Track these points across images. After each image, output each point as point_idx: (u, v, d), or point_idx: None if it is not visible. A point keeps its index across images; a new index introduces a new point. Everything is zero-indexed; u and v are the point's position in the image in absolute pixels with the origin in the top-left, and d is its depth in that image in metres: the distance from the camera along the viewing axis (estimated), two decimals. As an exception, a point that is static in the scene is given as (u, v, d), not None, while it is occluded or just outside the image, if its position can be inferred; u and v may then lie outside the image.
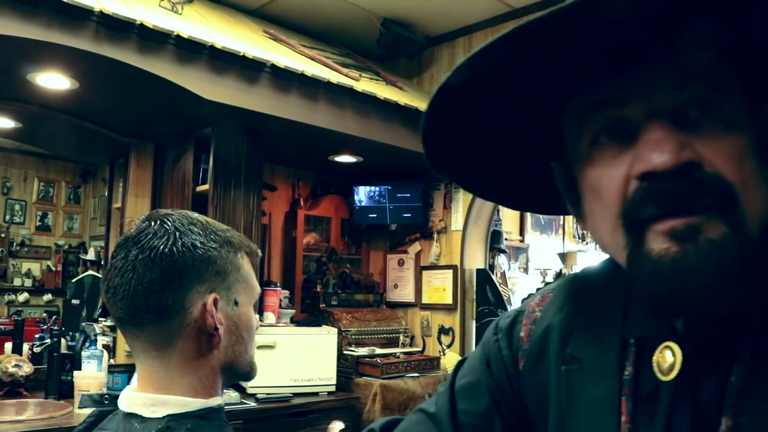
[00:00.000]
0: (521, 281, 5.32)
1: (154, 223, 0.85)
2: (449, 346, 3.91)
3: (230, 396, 2.88)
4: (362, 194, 4.20)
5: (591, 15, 0.45)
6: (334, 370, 3.32)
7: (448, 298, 3.98)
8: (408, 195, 4.13)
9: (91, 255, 5.25)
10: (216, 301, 0.84)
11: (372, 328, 3.90)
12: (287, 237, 4.14)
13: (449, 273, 3.98)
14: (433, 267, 4.09)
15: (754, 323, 0.52)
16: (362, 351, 3.65)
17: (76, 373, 2.74)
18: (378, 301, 4.25)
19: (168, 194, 3.39)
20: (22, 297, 5.53)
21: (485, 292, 3.86)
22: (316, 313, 3.96)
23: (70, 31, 2.29)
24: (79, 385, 2.66)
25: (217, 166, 3.05)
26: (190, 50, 2.62)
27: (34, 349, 3.03)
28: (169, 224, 0.84)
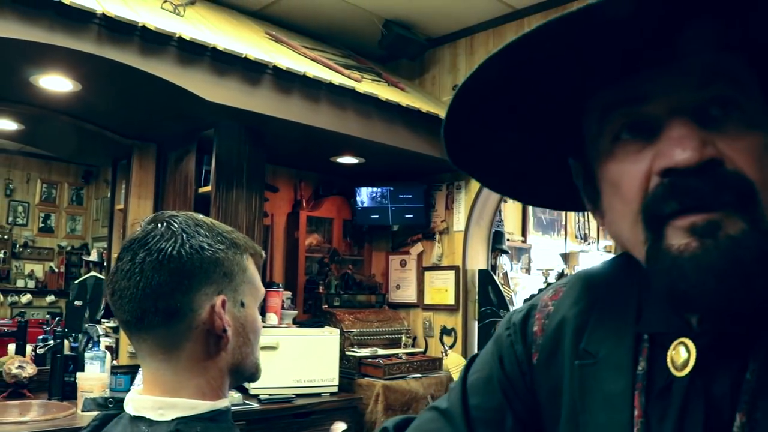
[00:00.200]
0: (523, 282, 5.32)
1: (160, 225, 0.84)
2: (451, 346, 3.91)
3: (233, 397, 2.88)
4: (364, 195, 4.21)
5: (610, 16, 0.45)
6: (336, 370, 3.32)
7: (450, 299, 3.98)
8: (410, 196, 4.13)
9: (93, 256, 5.25)
10: (224, 302, 0.84)
11: (374, 329, 3.90)
12: (289, 238, 4.14)
13: (451, 274, 3.98)
14: (435, 268, 4.09)
15: None
16: (364, 352, 3.65)
17: (79, 374, 2.75)
18: (380, 301, 4.25)
19: (170, 196, 3.40)
20: (25, 298, 5.55)
21: (487, 293, 3.86)
22: (318, 314, 3.96)
23: (73, 33, 2.29)
24: (82, 387, 2.66)
25: (219, 168, 3.05)
26: (192, 52, 2.63)
27: (38, 351, 3.04)
28: (176, 226, 0.84)
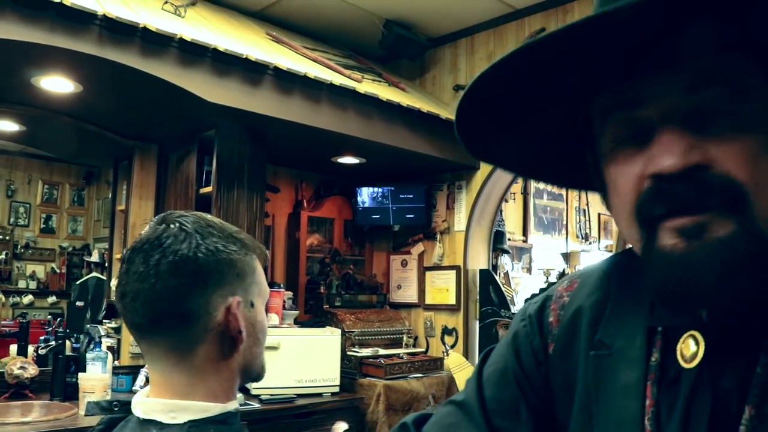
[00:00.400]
0: (524, 281, 5.32)
1: (172, 226, 0.82)
2: (452, 346, 3.92)
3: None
4: (365, 195, 4.21)
5: (604, 27, 0.47)
6: (337, 370, 3.33)
7: (451, 299, 3.98)
8: (411, 196, 4.13)
9: (95, 257, 5.26)
10: (238, 303, 0.83)
11: (375, 328, 3.91)
12: (290, 238, 4.15)
13: (452, 273, 3.99)
14: (436, 268, 4.09)
15: None
16: (366, 352, 3.66)
17: (80, 374, 2.75)
18: (381, 301, 4.25)
19: (171, 196, 3.40)
20: (27, 299, 5.56)
21: (488, 293, 3.86)
22: (319, 314, 3.96)
23: (74, 34, 2.30)
24: (83, 387, 2.67)
25: (220, 168, 3.06)
26: (193, 53, 2.63)
27: (39, 351, 3.04)
28: (189, 227, 0.82)
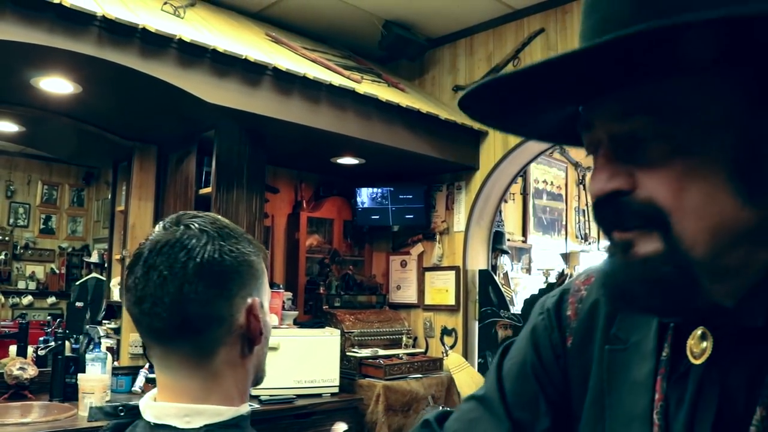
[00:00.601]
0: (524, 282, 5.32)
1: (193, 227, 0.80)
2: (452, 347, 3.92)
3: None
4: (365, 196, 4.21)
5: (555, 66, 0.49)
6: (337, 371, 3.33)
7: (450, 299, 3.98)
8: (410, 196, 4.14)
9: (94, 258, 5.27)
10: (260, 304, 0.82)
11: (375, 329, 3.91)
12: (290, 239, 4.15)
13: (452, 274, 3.99)
14: (436, 268, 4.09)
15: None
16: (365, 352, 3.66)
17: (80, 375, 2.75)
18: (381, 302, 4.26)
19: (171, 197, 3.40)
20: (27, 300, 5.56)
21: (488, 293, 3.87)
22: (319, 315, 3.96)
23: (74, 35, 2.30)
24: (83, 388, 2.67)
25: (219, 169, 3.06)
26: (192, 54, 2.64)
27: (39, 352, 3.04)
28: (209, 229, 0.80)
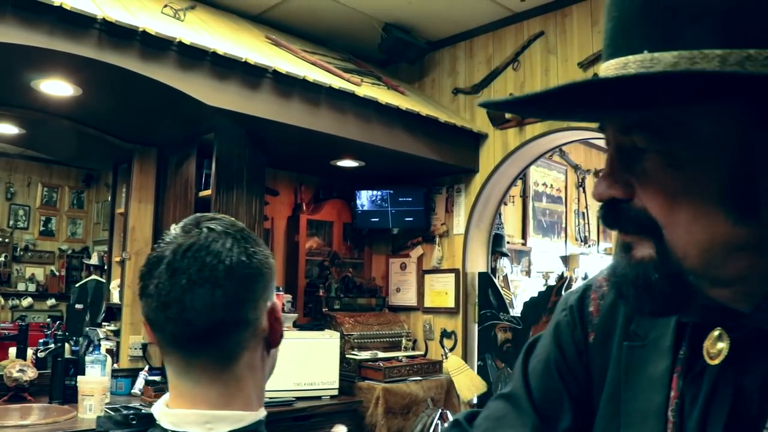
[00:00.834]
0: (523, 284, 5.32)
1: (217, 229, 0.79)
2: (451, 349, 3.92)
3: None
4: (364, 198, 4.21)
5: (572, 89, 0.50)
6: (336, 374, 3.33)
7: (450, 302, 3.98)
8: (410, 199, 4.14)
9: (94, 260, 5.27)
10: (280, 307, 0.82)
11: (374, 332, 3.91)
12: (290, 241, 4.15)
13: (451, 277, 3.99)
14: (435, 271, 4.09)
15: None
16: (365, 355, 3.66)
17: (79, 377, 2.76)
18: (380, 305, 4.26)
19: (171, 199, 3.40)
20: (26, 302, 5.56)
21: (487, 296, 3.87)
22: (318, 317, 3.96)
23: (74, 38, 2.30)
24: (82, 390, 2.67)
25: (219, 171, 3.06)
26: (192, 56, 2.64)
27: (38, 354, 3.04)
28: (231, 231, 0.80)
